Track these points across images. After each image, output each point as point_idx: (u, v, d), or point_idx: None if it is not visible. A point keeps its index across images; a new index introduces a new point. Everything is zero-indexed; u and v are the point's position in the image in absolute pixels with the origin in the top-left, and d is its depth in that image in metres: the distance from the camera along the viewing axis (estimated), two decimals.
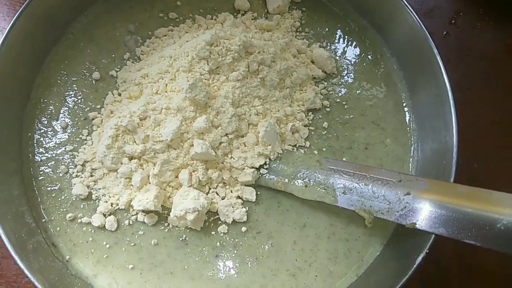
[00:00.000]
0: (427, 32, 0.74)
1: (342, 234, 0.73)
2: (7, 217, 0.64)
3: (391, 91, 0.81)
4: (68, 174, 0.73)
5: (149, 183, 0.71)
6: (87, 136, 0.75)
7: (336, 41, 0.85)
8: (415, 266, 0.64)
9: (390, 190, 0.67)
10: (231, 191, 0.73)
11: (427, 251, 0.64)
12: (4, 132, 0.71)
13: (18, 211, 0.68)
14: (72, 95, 0.77)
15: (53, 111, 0.76)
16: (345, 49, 0.84)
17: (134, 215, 0.71)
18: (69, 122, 0.76)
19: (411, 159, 0.78)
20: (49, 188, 0.72)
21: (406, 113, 0.80)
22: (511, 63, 0.95)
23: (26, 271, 0.61)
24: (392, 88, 0.82)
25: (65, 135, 0.75)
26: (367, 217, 0.68)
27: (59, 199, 0.72)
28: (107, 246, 0.70)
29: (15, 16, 0.71)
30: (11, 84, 0.72)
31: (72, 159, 0.73)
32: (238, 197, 0.73)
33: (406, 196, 0.66)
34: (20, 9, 0.72)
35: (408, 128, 0.79)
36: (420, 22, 0.74)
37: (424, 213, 0.64)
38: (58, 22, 0.79)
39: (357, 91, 0.81)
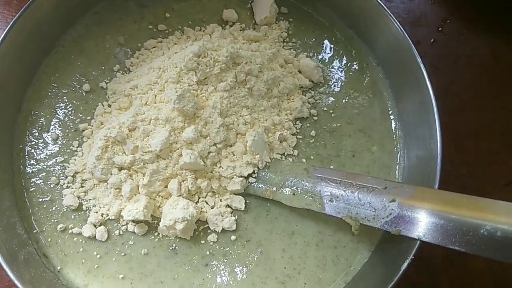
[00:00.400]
0: (410, 41, 0.75)
1: (330, 242, 0.74)
2: None
3: (377, 99, 0.83)
4: (59, 185, 0.74)
5: (139, 193, 0.72)
6: (77, 147, 0.76)
7: (323, 51, 0.86)
8: (400, 272, 0.65)
9: (375, 197, 0.68)
10: (220, 200, 0.74)
11: (413, 257, 0.65)
12: None
13: (9, 222, 0.69)
14: (63, 107, 0.78)
15: (44, 123, 0.77)
16: (332, 59, 0.85)
17: (124, 225, 0.72)
18: (60, 133, 0.77)
19: (397, 166, 0.79)
20: (40, 199, 0.73)
21: (392, 121, 0.82)
22: (498, 69, 0.96)
23: (16, 282, 0.61)
24: (378, 96, 0.83)
25: (55, 146, 0.76)
26: (353, 224, 0.69)
27: (50, 210, 0.73)
28: (98, 256, 0.71)
29: (6, 29, 0.73)
30: (2, 96, 0.74)
31: (63, 170, 0.74)
32: (228, 205, 0.74)
33: (391, 203, 0.67)
34: (11, 22, 0.73)
35: (394, 136, 0.81)
36: (404, 31, 0.76)
37: (409, 220, 0.65)
38: (49, 35, 0.80)
39: (344, 100, 0.82)
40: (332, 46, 0.86)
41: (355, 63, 0.85)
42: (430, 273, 0.81)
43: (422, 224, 0.64)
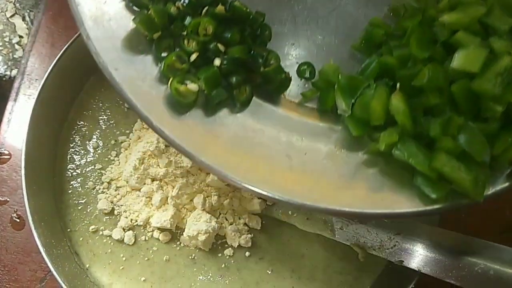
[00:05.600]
0: None
1: (336, 267, 0.80)
2: (40, 224, 0.72)
3: None
4: (95, 190, 0.81)
5: (167, 203, 0.79)
6: (115, 157, 0.83)
7: None
8: None
9: (382, 229, 0.75)
10: (239, 218, 0.81)
11: (413, 286, 0.71)
12: (42, 148, 0.79)
13: (49, 219, 0.76)
14: (105, 119, 0.86)
15: (87, 132, 0.85)
16: None
17: (150, 231, 0.79)
18: (100, 143, 0.84)
19: None
20: (76, 201, 0.80)
21: None
22: None
23: (55, 274, 0.67)
24: None
25: (95, 154, 0.84)
26: (360, 252, 0.76)
27: (84, 212, 0.79)
28: (124, 258, 0.77)
29: (64, 48, 0.82)
30: (53, 105, 0.82)
31: (100, 177, 0.82)
32: (245, 224, 0.81)
33: (396, 235, 0.74)
34: (70, 41, 0.82)
35: None
36: None
37: (411, 252, 0.72)
38: None
39: None
40: None
41: None
42: None
43: (423, 257, 0.71)
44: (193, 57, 0.62)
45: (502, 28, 0.60)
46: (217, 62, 0.62)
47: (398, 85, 0.61)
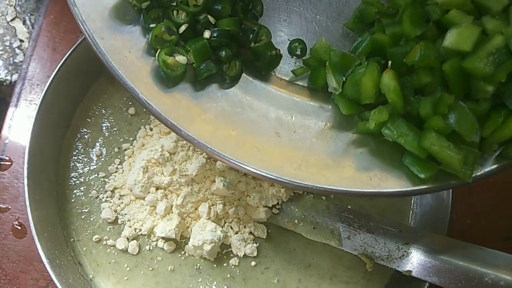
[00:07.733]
0: None
1: (343, 277, 0.79)
2: (44, 234, 0.71)
3: None
4: (98, 198, 0.80)
5: (172, 212, 0.78)
6: (118, 165, 0.82)
7: None
8: None
9: (390, 239, 0.74)
10: (245, 227, 0.80)
11: None
12: (45, 156, 0.78)
13: (53, 229, 0.74)
14: (108, 126, 0.85)
15: (90, 139, 0.84)
16: None
17: (155, 241, 0.78)
18: (104, 151, 0.83)
19: (410, 212, 0.85)
20: (79, 210, 0.79)
21: None
22: None
23: (59, 286, 0.66)
24: None
25: (99, 162, 0.82)
26: (368, 262, 0.75)
27: (88, 221, 0.78)
28: (128, 268, 0.76)
29: (67, 54, 0.80)
30: (55, 112, 0.80)
31: (103, 185, 0.80)
32: (251, 232, 0.80)
33: (405, 245, 0.73)
34: (72, 48, 0.81)
35: None
36: None
37: (420, 262, 0.71)
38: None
39: None
40: None
41: None
42: None
43: (432, 267, 0.70)
44: (182, 28, 0.60)
45: (495, 8, 0.58)
46: (206, 34, 0.61)
47: (390, 62, 0.60)
